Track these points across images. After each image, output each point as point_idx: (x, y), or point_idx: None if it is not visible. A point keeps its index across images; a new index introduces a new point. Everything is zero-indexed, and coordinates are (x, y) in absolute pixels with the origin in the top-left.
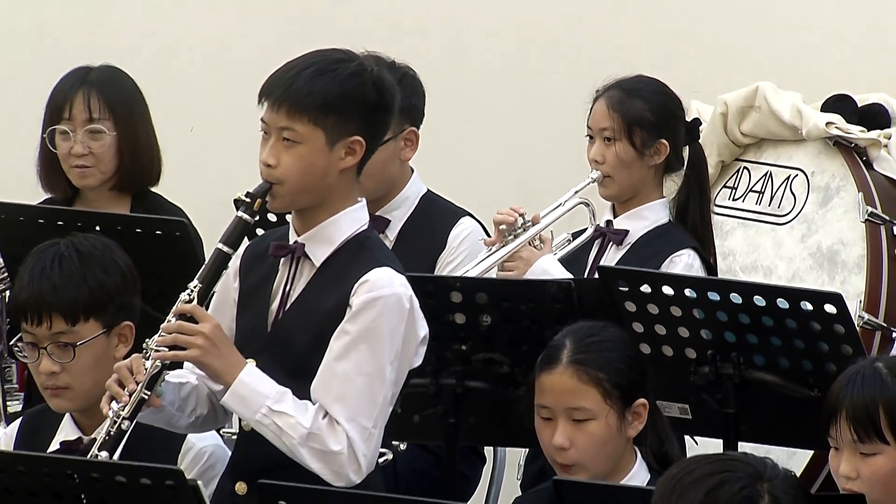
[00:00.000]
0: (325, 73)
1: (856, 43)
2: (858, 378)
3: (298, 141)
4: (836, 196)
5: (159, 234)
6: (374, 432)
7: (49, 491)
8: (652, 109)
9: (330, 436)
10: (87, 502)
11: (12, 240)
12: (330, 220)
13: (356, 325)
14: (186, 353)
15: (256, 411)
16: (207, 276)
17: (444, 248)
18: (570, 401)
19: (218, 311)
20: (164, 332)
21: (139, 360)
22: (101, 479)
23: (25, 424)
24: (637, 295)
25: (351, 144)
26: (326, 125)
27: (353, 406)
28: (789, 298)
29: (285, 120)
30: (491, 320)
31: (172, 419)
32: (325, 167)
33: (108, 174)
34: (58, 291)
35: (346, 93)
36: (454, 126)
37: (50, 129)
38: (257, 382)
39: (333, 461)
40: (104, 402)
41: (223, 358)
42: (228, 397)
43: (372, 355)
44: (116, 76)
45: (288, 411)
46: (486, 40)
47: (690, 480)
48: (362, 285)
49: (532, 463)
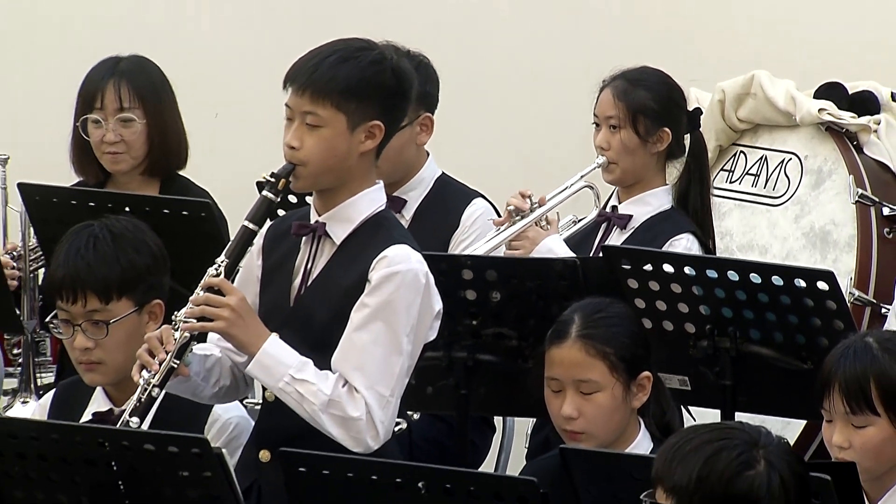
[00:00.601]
0: (348, 60)
1: (847, 33)
2: (850, 352)
3: (321, 125)
4: (828, 179)
5: (185, 214)
6: (392, 400)
7: (81, 458)
8: (655, 99)
9: (349, 403)
10: (117, 469)
11: (46, 220)
12: (349, 200)
13: (375, 299)
14: (213, 324)
15: (279, 379)
16: (234, 252)
17: (458, 227)
18: (579, 373)
19: (242, 287)
20: (192, 305)
21: (169, 331)
22: (130, 447)
23: (59, 395)
24: (639, 273)
25: (371, 129)
26: (348, 110)
27: (372, 375)
28: (784, 276)
29: (309, 104)
30: (500, 296)
31: (197, 389)
32: (346, 150)
33: (138, 159)
34: (92, 271)
35: (366, 79)
36: (467, 112)
37: (83, 118)
38: (280, 352)
39: (352, 427)
40: (135, 370)
41: (248, 329)
42: (253, 366)
43: (389, 327)
44: (145, 66)
45: (309, 379)
46: (497, 32)
47: (689, 449)
48: (381, 261)
49: (538, 433)
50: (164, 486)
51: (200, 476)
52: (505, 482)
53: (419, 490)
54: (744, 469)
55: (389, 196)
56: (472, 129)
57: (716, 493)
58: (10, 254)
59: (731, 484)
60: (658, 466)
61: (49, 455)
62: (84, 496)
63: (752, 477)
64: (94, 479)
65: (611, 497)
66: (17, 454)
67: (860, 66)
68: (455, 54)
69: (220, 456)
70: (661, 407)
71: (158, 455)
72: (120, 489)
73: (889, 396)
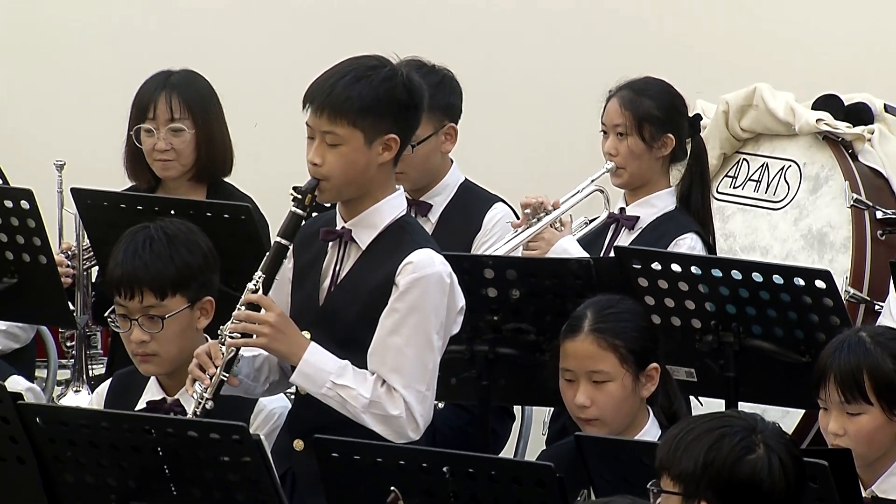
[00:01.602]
0: (361, 79)
1: (843, 50)
2: (845, 346)
3: (340, 143)
4: (825, 184)
5: (226, 217)
6: (428, 394)
7: (129, 445)
8: (659, 107)
9: (389, 402)
10: (162, 455)
11: (97, 222)
12: (373, 207)
13: (404, 303)
14: (255, 340)
15: (321, 386)
16: (269, 267)
17: (480, 230)
18: (591, 365)
19: (277, 288)
20: (235, 320)
21: (216, 347)
22: (175, 435)
23: (115, 385)
24: (649, 272)
25: (387, 142)
26: (364, 126)
27: (408, 374)
28: (784, 275)
29: (327, 124)
30: (519, 294)
31: (249, 388)
32: (366, 163)
33: (187, 166)
34: (148, 270)
35: (380, 96)
36: (487, 122)
37: (136, 127)
38: (319, 360)
39: (393, 423)
40: (188, 383)
41: (288, 341)
42: (296, 377)
43: (420, 328)
44: (194, 79)
45: (349, 384)
46: (515, 48)
47: (692, 438)
48: (406, 266)
49: (555, 422)
50: (205, 471)
51: (240, 461)
52: (524, 467)
53: (444, 474)
54: (746, 453)
55: (416, 200)
56: (492, 138)
57: (722, 477)
58: (65, 253)
59: (735, 467)
60: (662, 456)
61: (99, 442)
62: (131, 480)
63: (755, 460)
64: (140, 464)
65: (622, 480)
66: (69, 440)
67: (855, 80)
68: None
69: (258, 443)
70: (669, 397)
71: (201, 441)
72: (165, 473)
73: (881, 386)
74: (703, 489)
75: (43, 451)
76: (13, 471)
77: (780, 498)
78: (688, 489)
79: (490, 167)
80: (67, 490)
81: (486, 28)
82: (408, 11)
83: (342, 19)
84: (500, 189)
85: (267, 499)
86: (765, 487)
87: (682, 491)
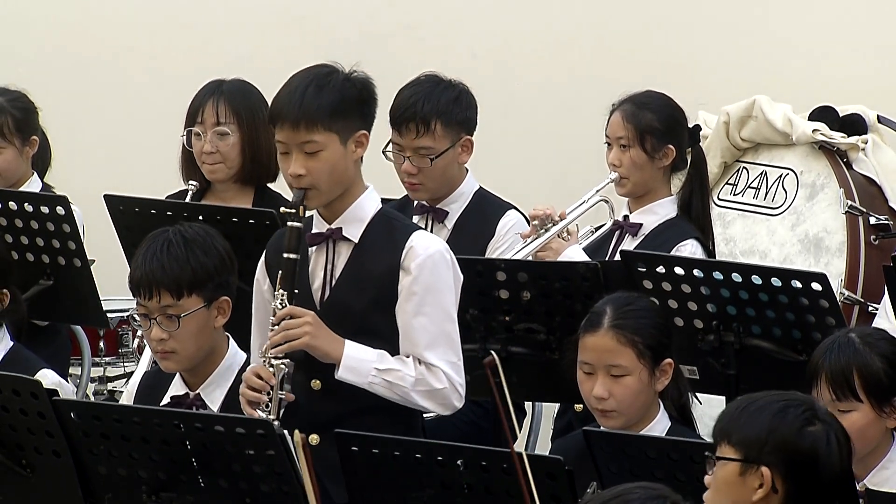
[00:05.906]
0: (324, 86)
1: (838, 63)
2: (835, 347)
3: (320, 149)
4: (821, 192)
5: (251, 223)
6: (460, 364)
7: (160, 439)
8: (660, 119)
9: (432, 378)
10: (191, 448)
11: (130, 227)
12: (355, 203)
13: (420, 285)
14: (299, 340)
15: (367, 375)
16: (286, 283)
17: (494, 236)
18: (610, 359)
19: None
20: (272, 338)
21: (265, 368)
22: (202, 429)
23: (144, 382)
24: (653, 274)
25: (359, 138)
26: (338, 128)
27: (440, 349)
28: (782, 278)
29: (305, 134)
30: (530, 296)
31: None
32: (345, 162)
33: (233, 170)
34: (165, 271)
35: (345, 97)
36: (500, 135)
37: (187, 131)
38: (359, 352)
39: (439, 396)
40: (246, 406)
41: (327, 337)
42: (343, 372)
43: (439, 304)
44: (245, 88)
45: (393, 367)
46: (526, 64)
47: (755, 408)
48: (410, 250)
49: (561, 417)
50: (232, 463)
51: (264, 454)
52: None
53: (458, 467)
54: (807, 424)
55: (433, 207)
56: (505, 149)
57: (787, 443)
58: None
59: (799, 435)
60: (723, 425)
61: (130, 435)
62: (161, 472)
63: (815, 432)
64: (170, 457)
65: (628, 472)
66: (102, 434)
67: (850, 92)
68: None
69: (282, 437)
70: (679, 391)
71: (227, 435)
72: (193, 465)
73: (870, 385)
74: (766, 454)
75: (78, 444)
76: (50, 464)
77: (834, 473)
78: (749, 454)
79: (503, 176)
80: (101, 482)
81: (499, 46)
82: (427, 32)
83: (359, 32)
84: (513, 197)
85: (290, 490)
86: (822, 461)
87: (742, 457)
